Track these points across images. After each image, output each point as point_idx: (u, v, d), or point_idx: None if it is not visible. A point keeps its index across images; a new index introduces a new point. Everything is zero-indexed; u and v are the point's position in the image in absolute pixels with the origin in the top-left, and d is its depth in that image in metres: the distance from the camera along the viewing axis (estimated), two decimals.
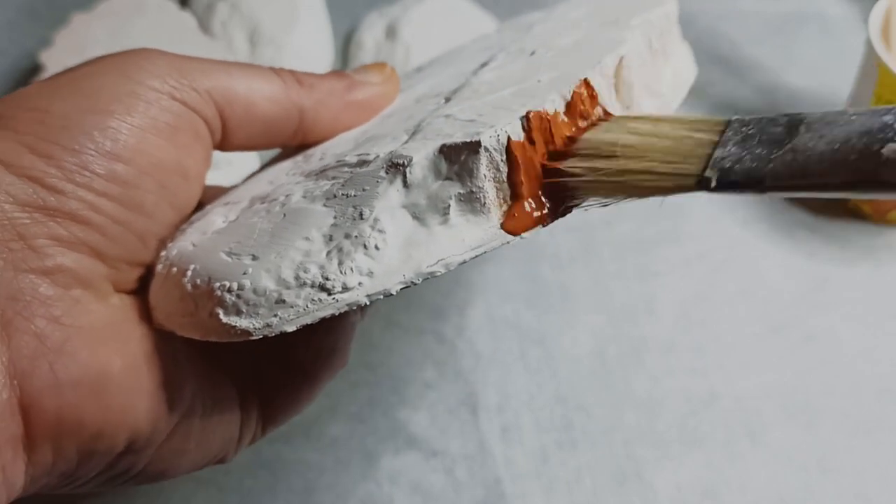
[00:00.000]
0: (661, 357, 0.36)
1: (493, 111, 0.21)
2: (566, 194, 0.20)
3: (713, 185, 0.18)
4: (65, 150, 0.21)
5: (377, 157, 0.21)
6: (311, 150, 0.26)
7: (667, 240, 0.39)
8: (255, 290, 0.20)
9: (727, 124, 0.19)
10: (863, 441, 0.33)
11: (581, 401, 0.35)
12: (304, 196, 0.22)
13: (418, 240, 0.20)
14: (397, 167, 0.20)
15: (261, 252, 0.20)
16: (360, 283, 0.19)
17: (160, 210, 0.23)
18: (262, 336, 0.20)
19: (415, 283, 0.19)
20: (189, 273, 0.21)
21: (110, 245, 0.22)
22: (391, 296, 0.19)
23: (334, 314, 0.19)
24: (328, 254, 0.19)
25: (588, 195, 0.20)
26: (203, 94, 0.24)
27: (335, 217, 0.20)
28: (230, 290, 0.20)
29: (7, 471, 0.19)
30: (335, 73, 0.27)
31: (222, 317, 0.20)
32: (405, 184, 0.20)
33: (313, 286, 0.19)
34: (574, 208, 0.20)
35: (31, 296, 0.20)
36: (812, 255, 0.38)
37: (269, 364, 0.26)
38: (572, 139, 0.21)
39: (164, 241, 0.24)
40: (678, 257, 0.39)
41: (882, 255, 0.38)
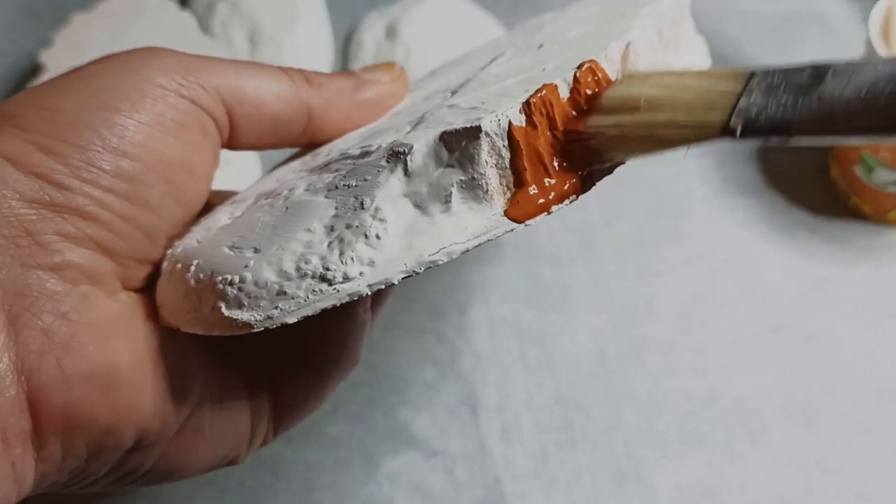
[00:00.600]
0: (661, 357, 0.36)
1: (496, 98, 0.20)
2: (591, 157, 0.20)
3: (738, 133, 0.18)
4: (72, 147, 0.21)
5: (379, 147, 0.21)
6: (319, 149, 0.26)
7: (667, 240, 0.39)
8: (256, 283, 0.20)
9: (751, 75, 0.19)
10: (863, 441, 0.33)
11: (581, 401, 0.35)
12: (307, 189, 0.22)
13: (420, 228, 0.19)
14: (398, 156, 0.20)
15: (263, 245, 0.20)
16: (361, 273, 0.19)
17: (167, 207, 0.23)
18: (263, 328, 0.19)
19: (416, 272, 0.19)
20: (192, 268, 0.21)
21: (117, 241, 0.22)
22: (393, 285, 0.19)
23: (335, 305, 0.19)
24: (329, 244, 0.19)
25: (613, 153, 0.20)
26: (211, 91, 0.24)
27: (337, 208, 0.20)
28: (232, 284, 0.20)
29: (17, 466, 0.19)
30: (344, 73, 0.27)
31: (224, 310, 0.20)
32: (406, 172, 0.20)
33: (314, 277, 0.19)
34: (598, 176, 0.20)
35: (39, 291, 0.20)
36: (812, 255, 0.38)
37: (279, 363, 0.26)
38: (595, 96, 0.20)
39: (172, 239, 0.24)
40: (678, 257, 0.39)
41: (882, 255, 0.38)
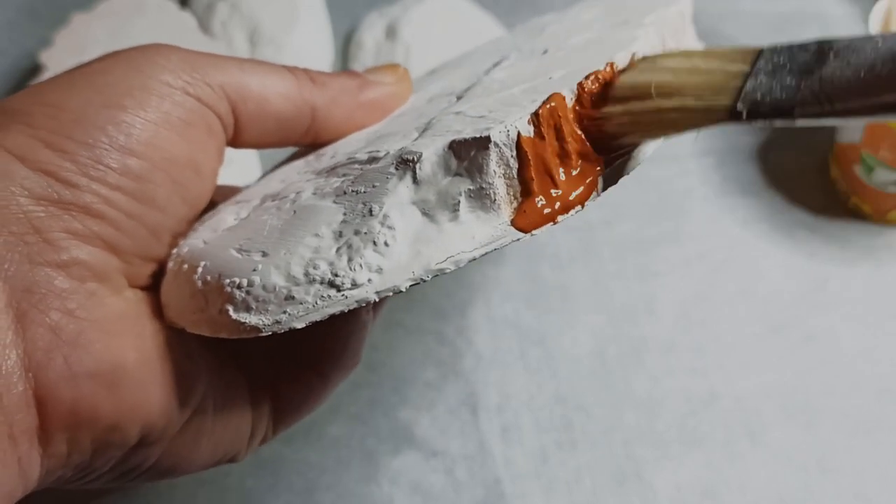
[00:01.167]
0: (661, 357, 0.36)
1: (504, 107, 0.20)
2: (609, 142, 0.20)
3: (744, 117, 0.18)
4: (79, 145, 0.21)
5: (387, 153, 0.21)
6: (322, 150, 0.26)
7: (667, 240, 0.39)
8: (264, 287, 0.20)
9: (759, 54, 0.19)
10: (863, 441, 0.33)
11: (581, 401, 0.35)
12: (315, 193, 0.22)
13: (428, 236, 0.19)
14: (407, 163, 0.20)
15: (271, 249, 0.20)
16: (369, 280, 0.19)
17: (172, 205, 0.23)
18: (271, 332, 0.20)
19: (424, 280, 0.19)
20: (199, 270, 0.21)
21: (124, 239, 0.22)
22: (400, 292, 0.19)
23: (343, 311, 0.19)
24: (338, 250, 0.19)
25: (626, 137, 0.20)
26: (216, 89, 0.24)
27: (345, 213, 0.20)
28: (240, 287, 0.20)
29: (23, 462, 0.20)
30: (348, 73, 0.27)
31: (232, 313, 0.20)
32: (415, 180, 0.20)
33: (322, 283, 0.19)
34: (604, 185, 0.20)
35: (47, 289, 0.20)
36: (812, 255, 0.38)
37: (281, 363, 0.26)
38: (609, 83, 0.21)
39: (177, 237, 0.24)
40: (678, 257, 0.39)
41: (882, 255, 0.38)
